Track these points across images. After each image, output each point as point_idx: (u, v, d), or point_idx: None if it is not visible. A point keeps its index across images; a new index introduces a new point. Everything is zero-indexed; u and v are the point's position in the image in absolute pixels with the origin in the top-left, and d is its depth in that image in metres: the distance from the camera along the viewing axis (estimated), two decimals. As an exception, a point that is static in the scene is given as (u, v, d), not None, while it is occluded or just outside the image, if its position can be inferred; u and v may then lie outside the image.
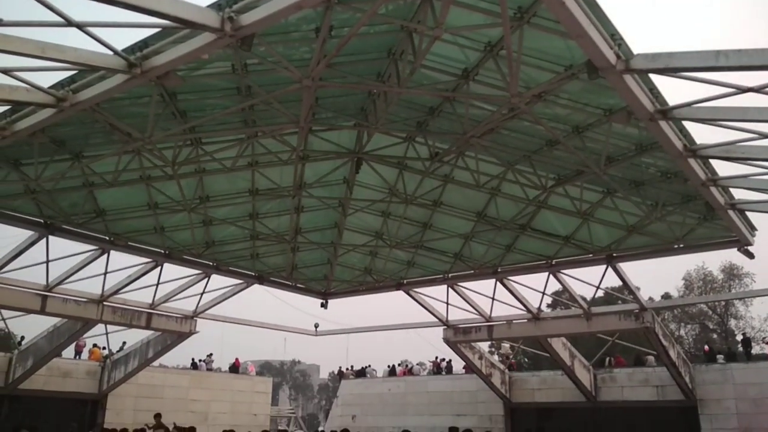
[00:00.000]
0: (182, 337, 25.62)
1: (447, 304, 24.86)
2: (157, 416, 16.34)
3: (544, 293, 22.94)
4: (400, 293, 24.56)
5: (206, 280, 22.44)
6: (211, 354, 36.64)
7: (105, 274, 20.13)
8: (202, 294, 23.48)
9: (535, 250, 19.76)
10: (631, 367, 28.78)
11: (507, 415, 30.26)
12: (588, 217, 16.91)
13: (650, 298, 29.89)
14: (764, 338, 37.10)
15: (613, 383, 28.20)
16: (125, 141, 13.29)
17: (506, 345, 33.28)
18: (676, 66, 8.92)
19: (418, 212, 18.86)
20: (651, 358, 27.87)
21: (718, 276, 44.09)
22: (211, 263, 21.26)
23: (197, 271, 21.96)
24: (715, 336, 43.90)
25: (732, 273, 43.10)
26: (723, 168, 12.96)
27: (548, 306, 33.26)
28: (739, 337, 38.44)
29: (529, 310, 23.65)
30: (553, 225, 18.19)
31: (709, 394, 25.38)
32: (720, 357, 27.62)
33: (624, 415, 26.38)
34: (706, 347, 30.74)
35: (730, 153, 11.64)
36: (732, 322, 44.52)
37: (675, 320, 46.11)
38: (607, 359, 29.65)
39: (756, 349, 32.25)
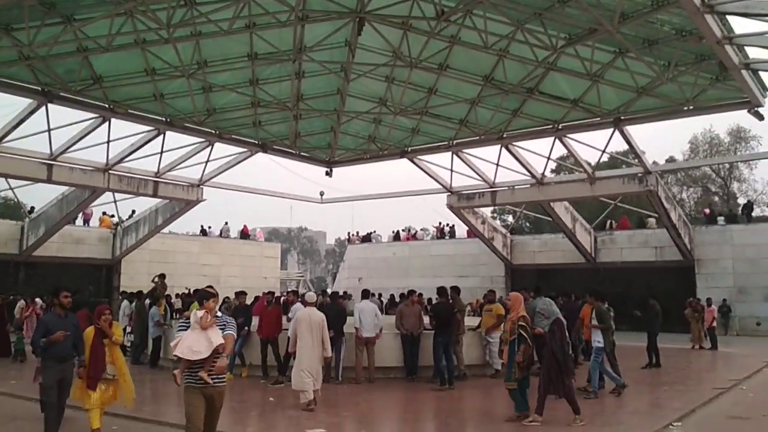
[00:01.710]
0: (190, 204, 26.02)
1: (451, 171, 24.95)
2: (161, 276, 16.90)
3: (549, 158, 22.94)
4: (405, 162, 24.56)
5: (210, 148, 22.41)
6: (227, 222, 37.53)
7: (108, 142, 20.11)
8: (206, 162, 23.56)
9: (541, 115, 19.47)
10: (631, 230, 29.40)
11: (507, 276, 31.46)
12: (598, 79, 16.46)
13: (654, 163, 29.87)
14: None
15: (612, 245, 28.96)
16: (116, 2, 12.69)
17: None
18: None
19: (423, 77, 18.33)
20: (652, 221, 28.35)
21: (724, 139, 43.69)
22: (213, 131, 21.09)
23: (200, 140, 21.88)
24: (716, 199, 44.22)
25: (739, 136, 42.55)
26: (740, 26, 12.48)
27: (552, 171, 33.26)
28: (741, 200, 38.80)
29: (533, 176, 23.72)
30: (561, 88, 17.76)
31: (707, 255, 26.10)
32: (720, 219, 28.04)
33: (622, 274, 27.31)
34: (707, 210, 31.11)
35: (748, 9, 11.10)
36: (734, 186, 44.65)
37: (678, 184, 46.28)
38: (608, 222, 30.18)
39: (757, 212, 32.62)
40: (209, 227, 36.67)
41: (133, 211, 29.79)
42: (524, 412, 8.61)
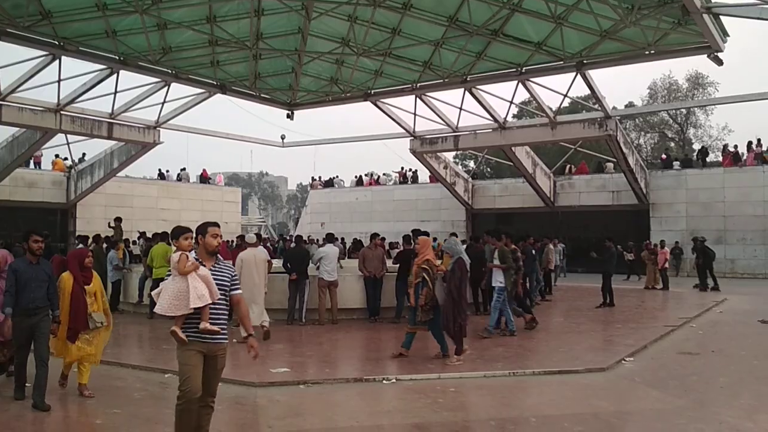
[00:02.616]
0: (146, 147, 25.39)
1: (414, 114, 24.80)
2: (117, 219, 16.56)
3: (511, 102, 22.95)
4: (368, 106, 24.26)
5: (166, 88, 21.73)
6: (184, 168, 36.85)
7: (59, 81, 19.33)
8: (163, 103, 22.88)
9: (505, 58, 19.36)
10: (589, 174, 29.91)
11: (468, 220, 31.90)
12: (562, 21, 16.37)
13: (614, 108, 30.16)
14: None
15: (571, 189, 29.48)
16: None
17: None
18: None
19: (387, 16, 17.92)
20: (610, 165, 28.87)
21: (683, 85, 44.30)
22: (169, 71, 20.41)
23: (156, 80, 21.18)
24: (672, 145, 45.12)
25: (697, 82, 43.20)
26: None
27: (514, 116, 33.37)
28: (697, 146, 39.63)
29: (495, 120, 23.75)
30: (525, 30, 17.62)
31: (661, 199, 26.82)
32: (676, 164, 28.65)
33: (580, 218, 27.94)
34: (664, 155, 31.72)
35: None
36: (691, 131, 45.58)
37: (636, 129, 47.00)
38: (567, 167, 30.62)
39: (711, 157, 33.45)
40: (167, 171, 35.99)
41: (84, 155, 28.99)
42: (445, 353, 8.75)
